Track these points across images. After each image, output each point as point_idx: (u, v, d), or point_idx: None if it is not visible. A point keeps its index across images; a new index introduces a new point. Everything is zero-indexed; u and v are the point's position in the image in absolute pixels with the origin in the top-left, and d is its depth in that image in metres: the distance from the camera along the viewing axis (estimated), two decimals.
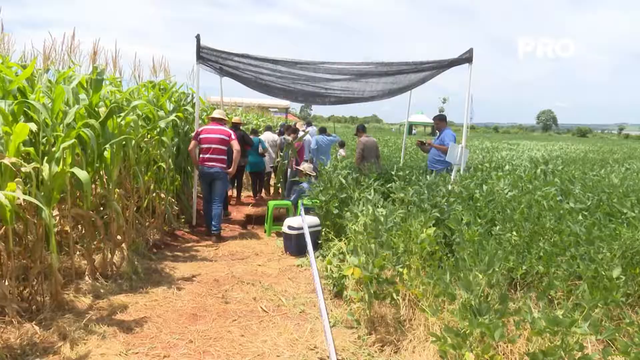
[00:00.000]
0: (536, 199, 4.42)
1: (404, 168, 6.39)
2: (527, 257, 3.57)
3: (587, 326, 2.29)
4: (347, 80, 7.09)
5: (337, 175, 5.51)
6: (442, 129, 7.07)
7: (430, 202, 4.44)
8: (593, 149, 23.49)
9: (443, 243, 4.04)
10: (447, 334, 2.43)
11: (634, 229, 3.52)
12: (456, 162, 6.37)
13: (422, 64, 6.55)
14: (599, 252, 3.29)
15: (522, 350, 2.67)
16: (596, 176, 6.26)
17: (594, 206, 4.38)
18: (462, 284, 2.55)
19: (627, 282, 3.19)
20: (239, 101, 17.64)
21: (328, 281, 4.30)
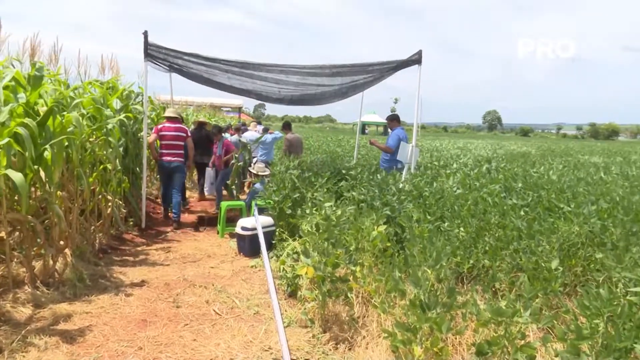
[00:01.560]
0: (482, 196, 4.61)
1: (355, 167, 6.48)
2: (474, 251, 3.72)
3: (528, 315, 2.41)
4: (300, 83, 7.10)
5: (289, 175, 5.51)
6: (394, 128, 7.21)
7: (382, 200, 4.53)
8: (534, 147, 24.74)
9: (395, 240, 4.14)
10: (397, 329, 2.49)
11: (570, 222, 3.74)
12: (407, 161, 6.53)
13: (373, 65, 6.67)
14: (539, 245, 3.48)
15: (470, 342, 2.78)
16: (536, 173, 6.61)
17: (535, 202, 4.62)
18: (411, 280, 2.62)
19: (564, 273, 3.39)
20: (190, 100, 17.24)
21: (282, 281, 4.28)
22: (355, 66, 6.65)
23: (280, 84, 7.16)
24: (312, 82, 6.98)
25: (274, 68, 6.47)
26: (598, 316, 2.28)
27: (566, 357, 2.19)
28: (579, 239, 3.62)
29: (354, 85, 7.19)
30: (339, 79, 6.84)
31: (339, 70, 6.69)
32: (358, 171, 6.02)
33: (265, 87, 7.12)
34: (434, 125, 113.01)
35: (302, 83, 7.06)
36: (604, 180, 6.92)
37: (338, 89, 7.27)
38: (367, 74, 6.77)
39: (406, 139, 6.89)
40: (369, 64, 6.65)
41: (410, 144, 6.61)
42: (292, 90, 7.22)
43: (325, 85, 7.06)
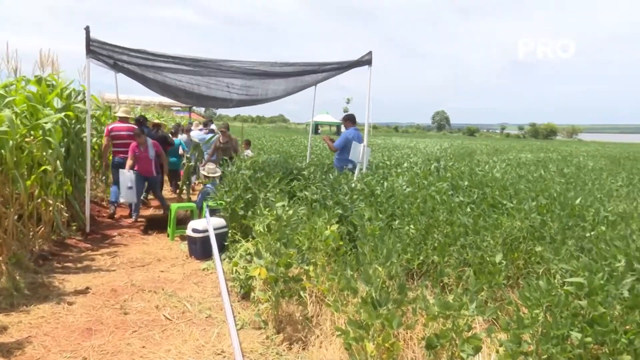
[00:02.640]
0: (431, 194, 4.74)
1: (308, 167, 6.49)
2: (424, 248, 3.83)
3: (474, 308, 2.51)
4: (250, 79, 7.02)
5: (241, 176, 5.44)
6: (348, 128, 7.29)
7: (334, 200, 4.56)
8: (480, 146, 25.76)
9: (347, 239, 4.19)
10: (350, 327, 2.52)
11: (512, 218, 3.93)
12: (359, 161, 6.61)
13: (324, 64, 6.70)
14: (484, 240, 3.63)
15: (420, 336, 2.86)
16: (481, 171, 6.89)
17: (480, 199, 4.81)
18: (362, 278, 2.65)
19: (507, 266, 3.55)
20: (137, 99, 16.62)
21: (235, 283, 4.23)
22: (307, 65, 6.66)
23: (231, 82, 7.06)
24: (263, 80, 6.93)
25: (224, 64, 6.36)
26: (538, 306, 2.40)
27: (509, 347, 2.29)
28: (521, 234, 3.81)
29: (304, 83, 7.21)
30: (290, 77, 6.84)
31: (291, 69, 6.68)
32: (311, 171, 6.04)
33: (214, 88, 7.01)
34: (385, 125, 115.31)
35: (252, 79, 6.99)
36: (543, 177, 7.31)
37: (288, 86, 7.27)
38: (318, 73, 6.81)
39: (359, 139, 6.96)
40: (321, 64, 6.69)
41: (362, 144, 6.69)
42: (241, 91, 7.14)
43: (276, 82, 7.04)
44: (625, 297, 2.40)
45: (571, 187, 6.33)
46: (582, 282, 2.51)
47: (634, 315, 2.32)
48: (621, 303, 2.42)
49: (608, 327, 2.22)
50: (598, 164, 12.88)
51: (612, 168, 11.51)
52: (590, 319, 2.30)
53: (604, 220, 4.23)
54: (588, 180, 7.80)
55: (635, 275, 2.60)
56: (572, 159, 15.18)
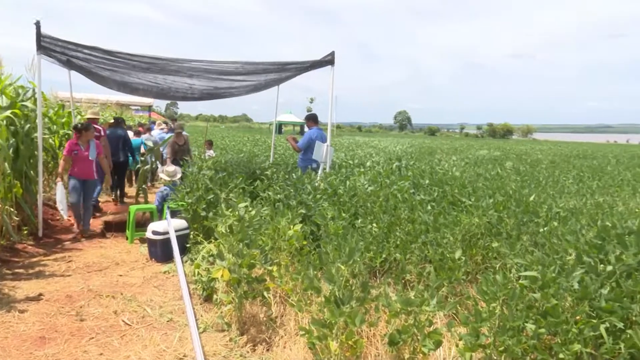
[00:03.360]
0: (392, 193, 4.82)
1: (271, 167, 6.46)
2: (386, 246, 3.88)
3: (434, 304, 2.56)
4: (213, 79, 6.92)
5: (202, 177, 5.35)
6: (310, 128, 7.29)
7: (297, 199, 4.56)
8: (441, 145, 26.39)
9: (311, 238, 4.19)
10: (313, 326, 2.52)
11: (471, 215, 4.04)
12: (322, 160, 6.63)
13: (287, 64, 6.68)
14: (444, 237, 3.71)
15: (383, 332, 2.90)
16: (442, 170, 7.05)
17: (440, 197, 4.92)
18: (325, 277, 2.66)
19: (466, 262, 3.65)
20: (94, 97, 16.04)
21: (197, 286, 4.15)
22: (270, 64, 6.62)
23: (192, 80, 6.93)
24: (226, 79, 6.85)
25: (186, 64, 6.24)
26: (495, 300, 2.48)
27: (468, 340, 2.35)
28: (479, 230, 3.92)
29: (267, 83, 7.17)
30: (254, 77, 6.78)
31: (254, 68, 6.62)
32: (274, 171, 6.01)
33: (176, 83, 6.85)
34: (349, 125, 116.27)
35: (215, 79, 6.89)
36: (500, 175, 7.57)
37: (251, 85, 7.21)
38: (281, 73, 6.78)
39: (322, 139, 6.98)
40: (284, 63, 6.66)
41: (325, 143, 6.72)
42: (203, 87, 7.02)
43: (239, 81, 6.96)
44: (575, 289, 2.52)
45: (526, 185, 6.58)
46: (536, 276, 2.61)
47: (583, 306, 2.44)
48: (572, 295, 2.53)
49: (560, 318, 2.32)
50: (549, 160, 13.46)
51: (564, 166, 12.05)
52: (543, 310, 2.40)
53: (556, 216, 4.42)
54: (542, 177, 8.14)
55: (584, 268, 2.73)
56: (527, 157, 15.79)
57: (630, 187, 7.70)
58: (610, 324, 2.39)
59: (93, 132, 6.43)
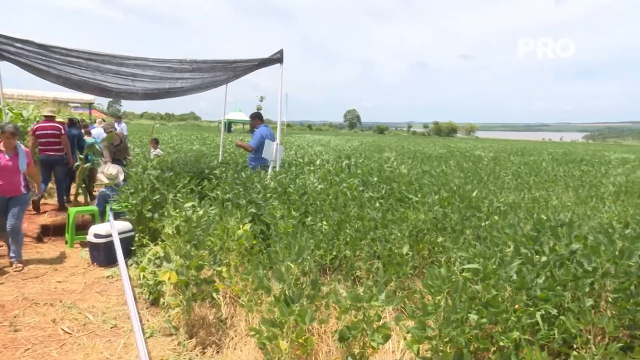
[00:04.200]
0: (342, 191, 4.87)
1: (220, 166, 6.34)
2: (336, 243, 3.91)
3: (383, 299, 2.61)
4: (157, 77, 6.68)
5: (148, 176, 5.17)
6: (257, 126, 7.23)
7: (247, 199, 4.51)
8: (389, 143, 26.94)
9: (261, 238, 4.16)
10: (264, 325, 2.50)
11: (417, 211, 4.15)
12: (272, 159, 6.59)
13: (235, 62, 6.57)
14: (391, 233, 3.79)
15: (334, 329, 2.92)
16: (390, 167, 7.21)
17: (388, 194, 5.02)
18: (274, 276, 2.65)
19: (413, 257, 3.75)
20: (29, 94, 15.05)
21: (143, 289, 4.01)
22: (217, 62, 6.49)
23: (136, 78, 6.66)
24: (171, 77, 6.64)
25: (130, 61, 5.99)
26: (440, 293, 2.56)
27: (415, 333, 2.42)
28: (425, 226, 4.04)
29: (214, 81, 7.03)
30: (199, 74, 6.62)
31: (200, 65, 6.46)
32: (223, 170, 5.90)
33: (119, 81, 6.56)
34: (299, 123, 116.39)
35: (159, 77, 6.66)
36: (445, 172, 7.83)
37: (198, 83, 7.04)
38: (228, 70, 6.66)
39: (272, 137, 6.95)
40: (231, 61, 6.55)
41: (275, 141, 6.68)
42: (147, 85, 6.77)
43: (185, 79, 6.77)
44: (513, 280, 2.65)
45: (469, 181, 6.85)
46: (478, 268, 2.73)
47: (521, 296, 2.57)
48: (510, 285, 2.66)
49: (500, 308, 2.43)
50: (490, 157, 14.09)
51: (504, 163, 12.64)
52: (485, 301, 2.51)
53: (497, 210, 4.64)
54: (484, 174, 8.50)
55: (521, 259, 2.88)
56: (470, 155, 16.43)
57: (563, 182, 8.20)
58: (545, 311, 2.54)
59: (18, 136, 5.10)
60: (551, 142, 63.22)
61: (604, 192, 6.83)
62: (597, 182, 8.25)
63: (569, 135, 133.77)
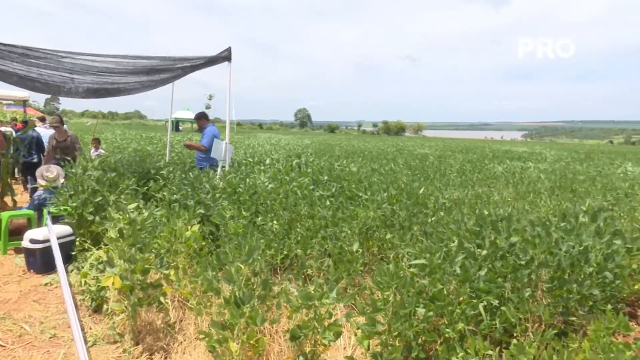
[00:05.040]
0: (292, 190, 4.86)
1: (167, 166, 6.16)
2: (287, 242, 3.91)
3: (334, 296, 2.64)
4: (99, 75, 6.38)
5: (88, 178, 4.93)
6: (204, 126, 7.09)
7: (195, 199, 4.41)
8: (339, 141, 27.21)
9: (210, 239, 4.08)
10: (213, 328, 2.46)
11: (367, 209, 4.22)
12: (221, 158, 6.49)
13: (181, 60, 6.40)
14: (342, 231, 3.83)
15: (285, 328, 2.92)
16: (340, 166, 7.28)
17: (338, 192, 5.07)
18: (224, 277, 2.61)
19: (363, 254, 3.81)
20: None
21: (85, 296, 3.82)
22: (162, 59, 6.29)
23: (76, 75, 6.33)
24: (114, 75, 6.36)
25: (67, 58, 5.67)
26: (389, 289, 2.62)
27: (365, 329, 2.46)
28: (374, 223, 4.11)
29: (161, 79, 6.82)
30: (144, 72, 6.39)
31: (145, 63, 6.24)
32: (170, 170, 5.74)
33: (55, 78, 6.21)
34: (250, 122, 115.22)
35: (101, 75, 6.36)
36: (393, 170, 8.01)
37: (144, 82, 6.80)
38: (174, 68, 6.48)
39: (219, 136, 6.85)
40: (178, 59, 6.37)
41: (224, 141, 6.58)
42: (89, 82, 6.46)
43: (128, 76, 6.51)
44: (457, 273, 2.75)
45: (416, 178, 7.05)
46: (424, 263, 2.81)
47: (465, 288, 2.67)
48: (455, 278, 2.77)
49: (445, 301, 2.52)
50: (436, 155, 14.57)
51: (450, 160, 13.10)
52: (431, 295, 2.59)
53: (442, 207, 4.80)
54: (430, 172, 8.77)
55: (465, 253, 3.00)
56: (418, 153, 16.91)
57: (504, 178, 8.60)
58: (488, 302, 2.65)
59: None
60: (493, 140, 66.20)
61: (540, 187, 7.23)
62: (535, 177, 8.73)
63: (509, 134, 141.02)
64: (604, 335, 2.16)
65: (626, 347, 2.02)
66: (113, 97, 7.67)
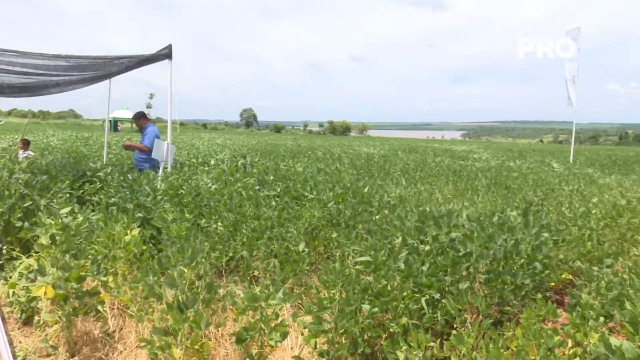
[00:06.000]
0: (237, 190, 4.79)
1: (105, 168, 5.88)
2: (232, 244, 3.84)
3: (280, 297, 2.63)
4: (26, 73, 5.98)
5: (16, 181, 4.60)
6: (143, 126, 6.85)
7: (134, 202, 4.24)
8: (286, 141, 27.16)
9: (152, 243, 3.94)
10: (155, 335, 2.37)
11: (312, 208, 4.24)
12: (163, 159, 6.29)
13: (118, 58, 6.13)
14: (288, 231, 3.83)
15: (231, 331, 2.87)
16: (285, 166, 7.26)
17: (284, 192, 5.06)
18: (166, 282, 2.53)
19: (310, 254, 3.82)
20: None
21: (14, 308, 3.56)
22: (98, 59, 5.99)
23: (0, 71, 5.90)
24: (43, 73, 5.99)
25: None
26: (335, 287, 2.64)
27: (312, 327, 2.47)
28: (320, 222, 4.14)
29: (95, 77, 6.50)
30: (77, 71, 6.06)
31: (79, 62, 5.92)
32: (108, 172, 5.48)
33: None
34: (194, 122, 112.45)
35: (29, 72, 5.97)
36: (339, 169, 8.10)
37: (76, 80, 6.45)
38: (110, 65, 6.20)
39: (160, 136, 6.65)
40: (114, 57, 6.10)
41: (165, 141, 6.38)
42: (14, 79, 6.04)
43: (60, 75, 6.15)
44: (401, 269, 2.83)
45: (361, 178, 7.17)
46: (369, 260, 2.86)
47: (408, 283, 2.75)
48: (399, 274, 2.84)
49: (390, 297, 2.58)
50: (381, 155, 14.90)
51: (393, 159, 13.44)
52: (376, 291, 2.64)
53: (387, 205, 4.91)
54: (375, 170, 8.95)
55: (408, 249, 3.08)
56: (362, 153, 17.20)
57: (445, 176, 8.94)
58: (430, 296, 2.75)
59: None
60: (434, 139, 68.63)
61: (477, 184, 7.58)
62: (473, 175, 9.13)
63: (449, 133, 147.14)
64: (535, 323, 2.29)
65: (554, 333, 2.16)
66: (41, 95, 7.22)
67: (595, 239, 4.09)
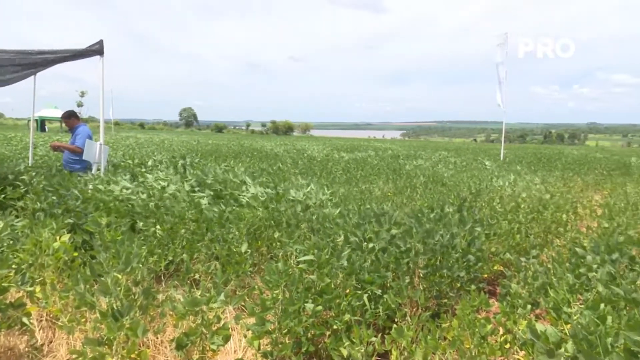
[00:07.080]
0: (173, 194, 4.65)
1: (29, 171, 5.49)
2: (171, 247, 3.72)
3: (222, 299, 2.57)
4: None
5: None
6: (74, 126, 6.47)
7: (63, 207, 3.99)
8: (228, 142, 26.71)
9: (84, 249, 3.73)
10: (88, 346, 2.25)
11: (254, 209, 4.20)
12: (95, 161, 5.97)
13: (44, 53, 5.75)
14: (229, 232, 3.76)
15: (171, 337, 2.77)
16: (227, 166, 7.14)
17: (225, 193, 4.97)
18: (99, 289, 2.40)
19: (252, 254, 3.78)
20: None
21: None
22: (20, 53, 5.58)
23: None
24: None
25: None
26: (278, 287, 2.63)
27: (255, 329, 2.44)
28: (262, 222, 4.10)
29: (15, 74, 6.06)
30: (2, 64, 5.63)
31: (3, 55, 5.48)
32: (33, 175, 5.12)
33: None
34: (129, 121, 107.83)
35: None
36: (282, 169, 8.08)
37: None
38: (35, 62, 5.80)
39: (92, 137, 6.31)
40: (39, 52, 5.71)
41: (98, 141, 6.06)
42: None
43: None
44: (344, 267, 2.86)
45: (304, 177, 7.19)
46: (312, 259, 2.88)
47: (351, 281, 2.79)
48: (342, 272, 2.87)
49: (333, 294, 2.61)
50: (324, 154, 15.05)
51: (335, 158, 13.59)
52: (320, 290, 2.66)
53: (329, 203, 4.96)
54: (317, 170, 9.01)
55: (351, 247, 3.13)
56: (304, 152, 17.27)
57: (385, 174, 9.16)
58: (372, 292, 2.80)
59: None
60: (375, 139, 70.21)
61: (416, 182, 7.83)
62: (412, 173, 9.43)
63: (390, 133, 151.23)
64: (469, 313, 2.40)
65: (487, 322, 2.27)
66: None
67: (523, 232, 4.35)
